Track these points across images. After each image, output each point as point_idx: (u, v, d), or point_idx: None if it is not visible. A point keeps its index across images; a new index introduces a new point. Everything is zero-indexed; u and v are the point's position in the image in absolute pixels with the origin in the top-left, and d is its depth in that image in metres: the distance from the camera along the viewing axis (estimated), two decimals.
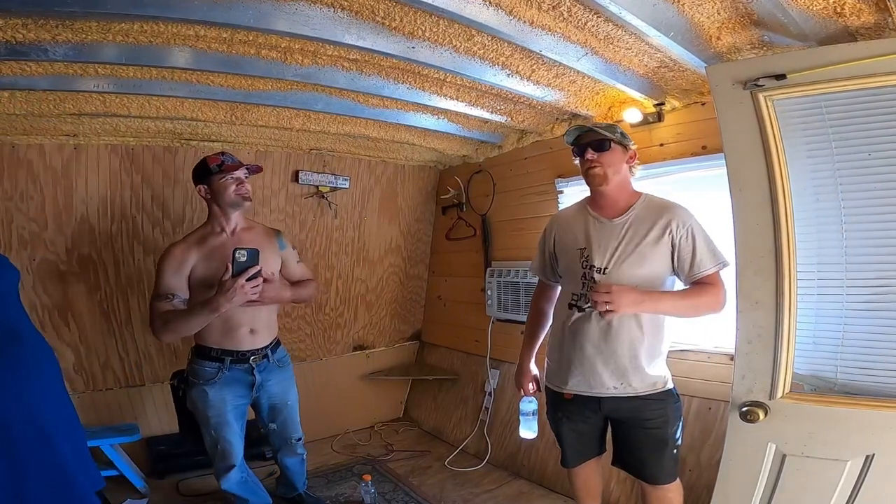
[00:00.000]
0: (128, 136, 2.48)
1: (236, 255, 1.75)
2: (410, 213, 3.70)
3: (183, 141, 2.63)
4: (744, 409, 1.49)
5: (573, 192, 2.73)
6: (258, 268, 1.79)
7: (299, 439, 2.27)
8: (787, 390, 1.48)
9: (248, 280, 1.76)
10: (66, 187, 2.44)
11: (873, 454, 1.33)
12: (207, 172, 1.93)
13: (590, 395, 1.71)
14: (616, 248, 1.69)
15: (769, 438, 1.49)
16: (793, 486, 1.47)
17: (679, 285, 1.71)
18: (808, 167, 1.48)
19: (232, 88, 2.03)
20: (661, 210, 1.69)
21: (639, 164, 1.81)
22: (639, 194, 1.77)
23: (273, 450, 2.34)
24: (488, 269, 3.18)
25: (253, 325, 2.01)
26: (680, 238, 1.64)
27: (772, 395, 1.48)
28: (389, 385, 3.78)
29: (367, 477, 2.52)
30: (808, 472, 1.44)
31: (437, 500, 2.57)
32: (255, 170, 2.02)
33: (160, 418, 2.85)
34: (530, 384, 1.99)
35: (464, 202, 3.47)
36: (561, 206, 2.78)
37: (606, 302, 1.53)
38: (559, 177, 2.78)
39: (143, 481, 2.58)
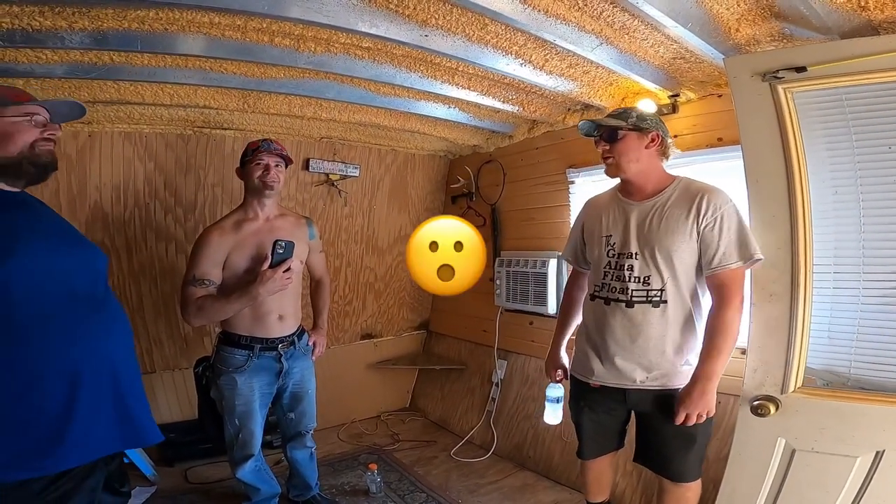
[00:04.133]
0: (141, 124, 2.50)
1: (276, 247, 1.84)
2: (420, 201, 3.70)
3: (196, 129, 2.64)
4: (755, 403, 1.49)
5: (584, 183, 2.72)
6: (292, 260, 1.88)
7: (311, 430, 2.28)
8: (799, 384, 1.47)
9: (284, 272, 1.85)
10: (80, 174, 2.46)
11: (883, 451, 1.33)
12: (244, 157, 1.98)
13: (615, 386, 1.66)
14: (641, 233, 1.61)
15: (779, 433, 1.49)
16: (801, 482, 1.46)
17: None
18: (826, 160, 1.46)
19: (245, 76, 2.03)
20: (695, 194, 1.57)
21: (673, 147, 1.69)
22: (673, 178, 1.66)
23: (283, 441, 2.31)
24: (497, 259, 3.18)
25: (281, 311, 2.02)
26: (706, 226, 1.53)
27: (784, 389, 1.47)
28: (396, 374, 3.80)
29: (373, 466, 2.55)
30: (817, 468, 1.44)
31: (442, 490, 2.58)
32: (287, 160, 2.03)
33: (170, 406, 2.88)
34: (557, 371, 1.93)
35: (473, 191, 3.46)
36: (572, 197, 2.78)
37: (696, 416, 1.53)
38: (571, 167, 2.77)
39: (152, 469, 2.59)
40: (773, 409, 1.47)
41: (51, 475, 1.15)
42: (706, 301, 1.61)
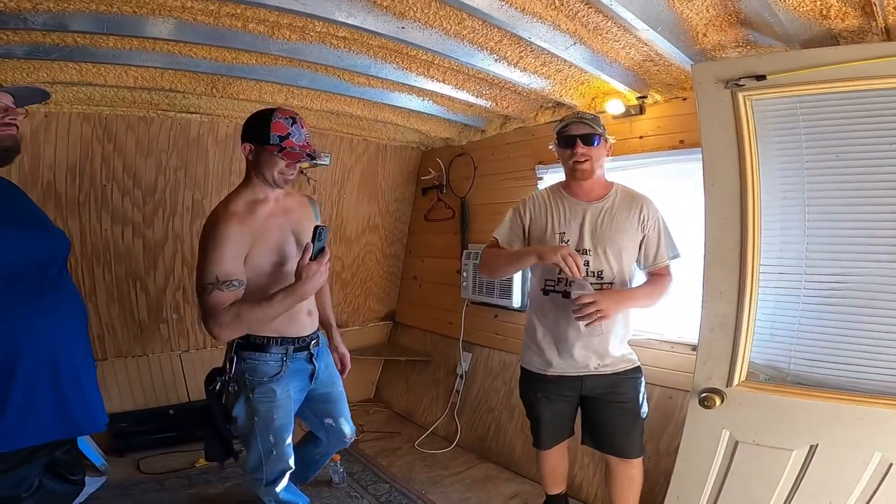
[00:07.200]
0: (101, 105, 2.40)
1: (318, 235, 1.53)
2: (390, 192, 3.69)
3: (160, 111, 2.55)
4: (702, 395, 1.55)
5: (553, 179, 2.77)
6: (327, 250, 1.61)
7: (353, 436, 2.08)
8: (743, 378, 1.54)
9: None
10: (32, 154, 2.35)
11: (817, 444, 1.41)
12: (264, 138, 1.57)
13: (574, 374, 1.79)
14: (595, 231, 1.77)
15: (724, 425, 1.56)
16: (743, 473, 1.54)
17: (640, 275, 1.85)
18: (778, 165, 1.52)
19: (215, 61, 1.98)
20: (635, 200, 1.80)
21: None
22: (612, 183, 1.86)
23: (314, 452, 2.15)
24: (465, 251, 3.20)
25: (310, 305, 1.82)
26: (650, 229, 1.77)
27: (729, 382, 1.54)
28: (361, 365, 3.78)
29: (337, 457, 2.52)
30: (757, 460, 1.52)
31: (405, 482, 2.59)
32: (311, 157, 1.71)
33: (122, 395, 2.81)
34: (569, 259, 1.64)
35: (444, 184, 3.48)
36: None
37: (597, 310, 1.61)
38: (540, 163, 2.82)
39: (102, 459, 2.51)
40: (718, 401, 1.53)
41: None
42: None
